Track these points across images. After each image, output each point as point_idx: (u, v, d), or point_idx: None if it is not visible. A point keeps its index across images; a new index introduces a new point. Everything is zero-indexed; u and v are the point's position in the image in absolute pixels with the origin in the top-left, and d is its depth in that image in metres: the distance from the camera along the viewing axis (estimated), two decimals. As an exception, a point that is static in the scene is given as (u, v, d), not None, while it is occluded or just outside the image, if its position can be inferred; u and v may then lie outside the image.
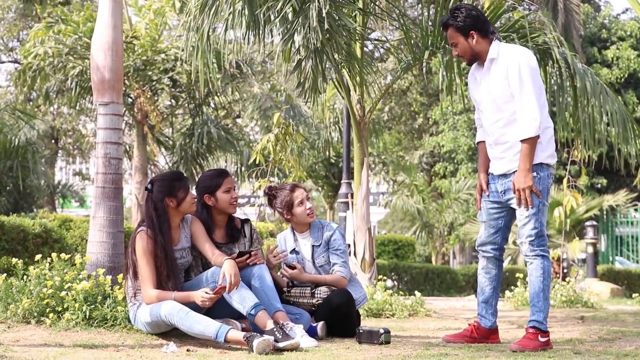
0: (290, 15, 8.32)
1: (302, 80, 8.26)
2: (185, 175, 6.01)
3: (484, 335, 5.95)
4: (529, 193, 5.49)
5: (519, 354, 5.16)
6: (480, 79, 5.81)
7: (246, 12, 8.47)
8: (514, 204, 5.67)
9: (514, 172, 5.63)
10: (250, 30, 8.56)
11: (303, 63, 8.05)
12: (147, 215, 5.71)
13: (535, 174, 5.57)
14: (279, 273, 6.41)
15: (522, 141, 5.50)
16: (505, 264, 25.53)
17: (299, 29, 7.99)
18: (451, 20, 5.77)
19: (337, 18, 8.16)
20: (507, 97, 5.62)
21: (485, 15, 8.92)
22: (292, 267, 6.32)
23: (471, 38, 5.72)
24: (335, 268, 6.42)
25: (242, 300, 5.53)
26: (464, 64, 9.67)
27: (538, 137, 5.50)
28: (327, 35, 7.83)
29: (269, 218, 9.42)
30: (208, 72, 9.18)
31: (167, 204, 5.70)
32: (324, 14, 7.65)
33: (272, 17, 8.47)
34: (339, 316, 6.20)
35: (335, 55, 8.46)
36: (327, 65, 8.47)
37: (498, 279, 5.98)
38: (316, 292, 6.28)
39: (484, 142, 5.96)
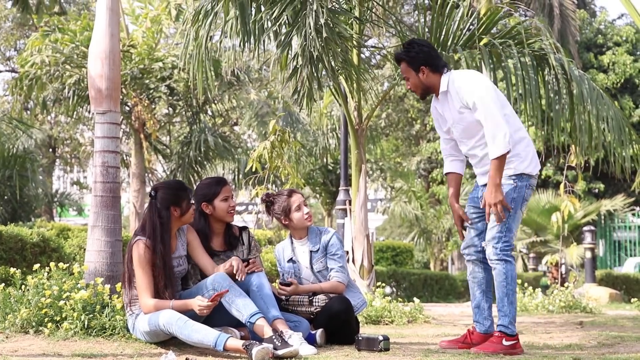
0: (284, 26, 8.33)
1: (297, 88, 8.26)
2: (186, 185, 6.00)
3: (479, 340, 5.96)
4: (500, 208, 5.58)
5: (518, 360, 5.16)
6: (441, 110, 5.94)
7: (239, 21, 8.48)
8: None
9: None
10: (244, 39, 8.58)
11: (299, 71, 8.05)
12: (150, 222, 5.67)
13: (512, 182, 5.68)
14: (276, 287, 6.38)
15: (492, 158, 5.58)
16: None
17: (295, 37, 8.00)
18: (403, 54, 5.92)
19: (332, 26, 8.16)
20: (472, 122, 5.72)
21: (482, 21, 8.99)
22: (288, 284, 6.30)
23: (422, 73, 5.86)
24: (332, 273, 6.41)
25: (241, 308, 5.52)
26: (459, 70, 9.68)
27: (508, 152, 5.58)
28: (324, 43, 7.83)
29: (266, 225, 9.41)
30: (205, 80, 9.19)
31: (172, 212, 5.70)
32: (321, 23, 7.66)
33: (269, 25, 8.48)
34: (337, 323, 6.19)
35: (332, 63, 8.46)
36: (323, 73, 8.46)
37: (487, 282, 6.00)
38: (314, 300, 6.27)
39: (452, 173, 6.12)
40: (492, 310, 6.04)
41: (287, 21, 8.20)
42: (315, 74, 8.12)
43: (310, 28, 7.74)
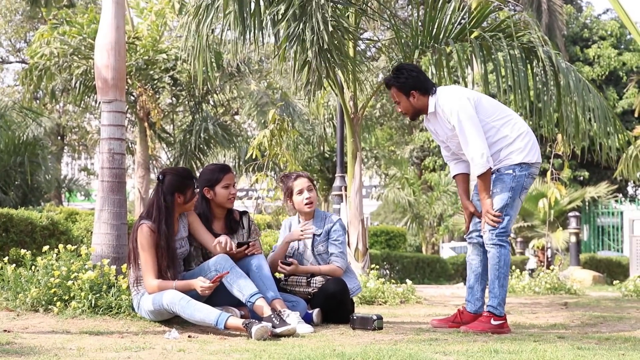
0: (289, 20, 8.32)
1: (310, 80, 8.28)
2: (193, 173, 5.99)
3: (468, 319, 5.99)
4: (492, 217, 5.70)
5: (505, 338, 5.17)
6: (433, 128, 6.02)
7: (237, 16, 8.48)
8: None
9: (496, 171, 5.80)
10: (243, 33, 8.57)
11: (310, 63, 8.06)
12: (156, 205, 5.67)
13: (511, 171, 5.74)
14: (277, 269, 6.38)
15: (477, 176, 5.70)
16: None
17: (302, 31, 8.01)
18: (393, 80, 5.96)
19: (334, 20, 8.17)
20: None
21: (472, 15, 8.98)
22: (288, 264, 6.31)
23: (412, 97, 5.91)
24: (332, 258, 6.42)
25: (241, 288, 5.53)
26: (452, 62, 9.68)
27: (490, 169, 5.69)
28: (331, 36, 7.86)
29: (266, 210, 9.43)
30: (206, 72, 9.18)
31: (175, 198, 5.70)
32: (328, 17, 7.68)
33: (267, 20, 8.48)
34: (333, 304, 6.20)
35: (333, 55, 8.46)
36: (325, 64, 8.46)
37: (483, 265, 6.03)
38: (312, 281, 6.28)
39: (459, 174, 6.16)
40: (485, 293, 6.06)
41: (295, 14, 8.19)
42: (326, 65, 8.15)
43: (318, 21, 7.76)
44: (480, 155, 5.60)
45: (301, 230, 6.32)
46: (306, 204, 6.43)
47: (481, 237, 5.99)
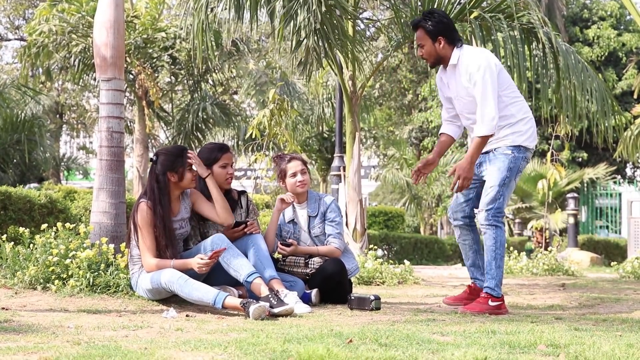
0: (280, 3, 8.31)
1: (303, 59, 8.25)
2: (188, 150, 5.97)
3: (478, 292, 6.02)
4: (466, 183, 5.65)
5: (502, 319, 5.19)
6: (447, 81, 5.97)
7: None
8: (484, 176, 5.85)
9: (493, 149, 5.80)
10: (238, 12, 8.55)
11: (304, 43, 8.04)
12: (149, 186, 5.70)
13: (510, 152, 5.75)
14: (276, 251, 6.38)
15: (477, 136, 5.64)
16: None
17: (298, 10, 7.98)
18: (423, 22, 5.89)
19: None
20: (474, 100, 5.74)
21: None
22: (288, 245, 6.31)
23: (438, 43, 5.86)
24: (330, 239, 6.42)
25: (239, 268, 5.53)
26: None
27: (492, 135, 5.66)
28: (328, 15, 7.83)
29: (264, 190, 9.42)
30: (205, 50, 9.15)
31: (169, 177, 5.69)
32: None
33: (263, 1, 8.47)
34: (331, 284, 6.21)
35: (330, 35, 8.43)
36: (321, 44, 8.44)
37: (476, 242, 6.11)
38: (310, 262, 6.29)
39: (446, 134, 6.17)
40: None
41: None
42: (320, 45, 8.12)
43: (313, 1, 7.73)
44: (491, 118, 5.58)
45: (284, 198, 6.33)
46: (298, 186, 6.43)
47: (465, 217, 6.05)
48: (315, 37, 8.11)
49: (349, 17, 9.46)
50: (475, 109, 5.73)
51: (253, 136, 8.97)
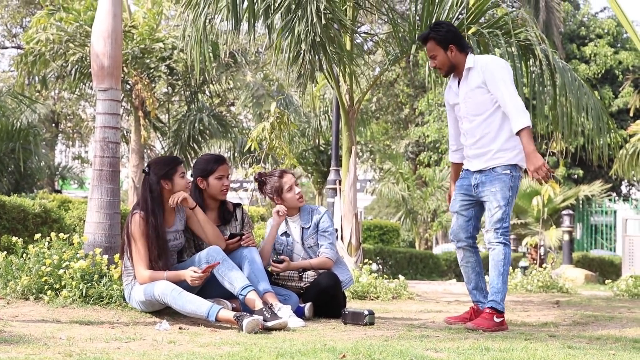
0: (281, 12, 8.32)
1: (301, 72, 8.27)
2: (182, 160, 5.96)
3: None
4: (545, 168, 5.61)
5: (496, 336, 5.18)
6: (457, 89, 6.00)
7: (230, 8, 8.48)
8: (484, 197, 5.86)
9: (489, 169, 5.83)
10: (235, 25, 8.57)
11: (302, 56, 8.05)
12: (142, 196, 5.69)
13: (509, 171, 5.80)
14: (269, 269, 6.36)
15: (518, 132, 5.67)
16: (484, 251, 25.59)
17: (297, 23, 8.00)
18: (432, 33, 5.99)
19: (329, 12, 8.15)
20: (484, 101, 5.83)
21: (470, 11, 8.98)
22: (280, 262, 6.29)
23: (450, 51, 5.95)
24: (322, 250, 6.41)
25: (233, 280, 5.52)
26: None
27: (529, 126, 5.69)
28: (325, 29, 7.85)
29: (260, 202, 9.40)
30: (203, 62, 9.16)
31: (162, 186, 5.68)
32: (321, 11, 7.66)
33: (260, 12, 8.48)
34: (325, 298, 6.20)
35: (329, 48, 8.45)
36: (318, 57, 8.45)
37: (479, 264, 6.11)
38: (304, 275, 6.28)
39: (456, 163, 6.27)
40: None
41: (289, 6, 8.18)
42: (318, 58, 8.14)
43: (312, 14, 7.74)
44: (524, 111, 5.66)
45: (278, 211, 6.32)
46: (298, 199, 6.44)
47: (469, 238, 6.04)
48: (313, 51, 8.12)
49: (347, 30, 9.48)
50: (482, 110, 5.82)
51: (251, 149, 8.96)
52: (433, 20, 9.06)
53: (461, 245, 6.08)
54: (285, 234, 6.54)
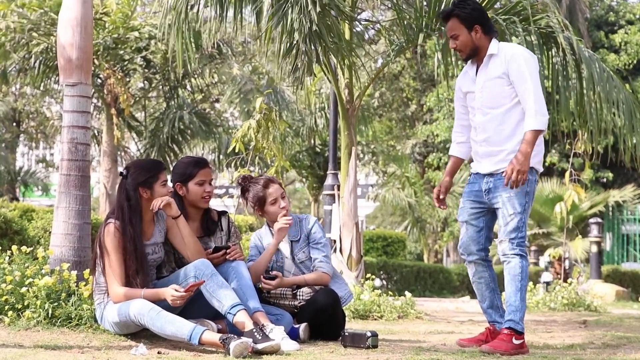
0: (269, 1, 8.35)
1: (298, 65, 8.28)
2: (164, 166, 5.96)
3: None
4: (521, 178, 5.62)
5: (516, 360, 5.19)
6: (476, 75, 5.98)
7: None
8: (497, 204, 5.84)
9: (501, 172, 5.79)
10: (226, 10, 8.58)
11: (297, 46, 8.06)
12: (118, 203, 5.68)
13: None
14: (260, 286, 6.36)
15: (531, 129, 5.65)
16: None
17: (290, 10, 8.01)
18: (457, 10, 5.94)
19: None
20: (503, 94, 5.82)
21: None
22: (272, 278, 6.28)
23: (475, 32, 5.91)
24: (316, 264, 6.41)
25: (222, 298, 5.51)
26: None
27: (542, 131, 5.70)
28: (321, 16, 7.86)
29: (248, 210, 9.39)
30: (185, 52, 9.17)
31: (141, 194, 5.68)
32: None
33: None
34: (323, 318, 6.20)
35: (325, 37, 8.46)
36: (313, 48, 8.46)
37: (493, 279, 6.11)
38: (298, 293, 6.27)
39: (457, 157, 6.28)
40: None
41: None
42: (313, 49, 8.15)
43: (307, 1, 7.76)
44: (544, 112, 5.66)
45: (283, 221, 6.31)
46: (283, 214, 6.39)
47: (480, 251, 6.03)
48: (308, 41, 8.13)
49: (346, 18, 9.50)
50: (500, 103, 5.80)
51: (236, 150, 8.95)
52: (442, 6, 9.09)
53: (472, 259, 6.07)
54: (273, 249, 6.52)
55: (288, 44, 8.37)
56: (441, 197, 6.26)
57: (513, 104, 5.79)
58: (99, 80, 18.62)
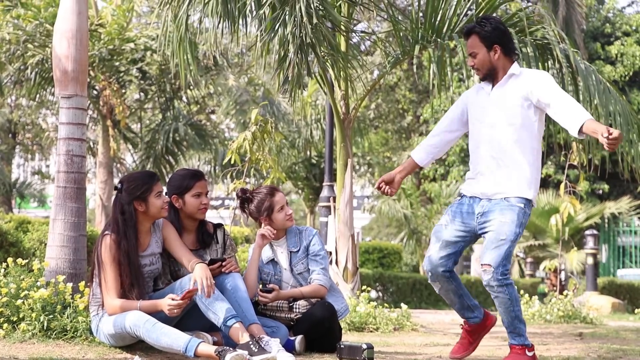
0: (267, 7, 8.35)
1: (288, 76, 8.27)
2: (158, 177, 5.96)
3: (478, 329, 6.13)
4: (612, 139, 5.19)
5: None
6: (490, 95, 5.89)
7: (219, 2, 8.51)
8: (487, 227, 5.72)
9: (501, 198, 5.71)
10: (226, 21, 8.59)
11: (290, 57, 8.07)
12: (113, 217, 5.69)
13: (522, 206, 5.67)
14: (256, 299, 6.36)
15: (589, 119, 5.43)
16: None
17: (284, 22, 8.02)
18: (477, 28, 5.87)
19: (322, 9, 8.18)
20: (521, 112, 5.73)
21: (480, 6, 9.02)
22: (269, 291, 6.28)
23: (494, 52, 5.84)
24: (313, 276, 6.41)
25: (217, 310, 5.51)
26: (455, 59, 9.71)
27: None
28: (315, 28, 7.87)
29: (244, 222, 9.38)
30: (185, 63, 9.19)
31: (136, 207, 5.68)
32: (312, 8, 7.69)
33: (252, 7, 8.50)
34: (320, 330, 6.19)
35: (320, 49, 8.47)
36: (310, 59, 8.47)
37: (460, 286, 6.06)
38: (294, 306, 6.27)
39: (415, 162, 6.19)
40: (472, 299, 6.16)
41: (272, 3, 8.22)
42: (306, 61, 8.16)
43: (301, 12, 7.77)
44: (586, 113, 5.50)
45: (265, 233, 6.33)
46: (288, 219, 6.44)
47: (448, 272, 5.92)
48: (301, 52, 8.14)
49: (342, 29, 9.51)
50: (514, 121, 5.71)
51: (232, 161, 8.96)
52: (439, 18, 9.12)
53: (438, 278, 5.97)
54: (272, 261, 6.53)
55: (281, 55, 8.37)
56: (382, 187, 6.11)
57: (528, 123, 5.73)
58: (95, 92, 18.62)
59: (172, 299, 5.39)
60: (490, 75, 5.89)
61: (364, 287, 9.88)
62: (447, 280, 5.98)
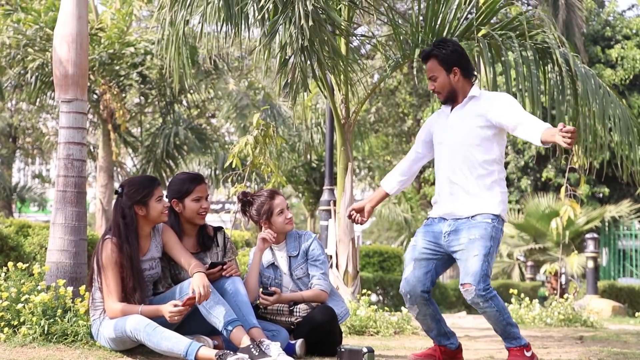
0: (266, 11, 8.35)
1: (289, 80, 8.28)
2: (159, 181, 5.96)
3: (451, 355, 6.11)
4: (566, 132, 5.12)
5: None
6: (449, 117, 5.91)
7: (222, 4, 8.51)
8: (456, 246, 5.71)
9: (467, 217, 5.70)
10: (227, 24, 8.59)
11: (291, 61, 8.08)
12: (114, 221, 5.70)
13: (490, 221, 5.65)
14: (258, 302, 6.36)
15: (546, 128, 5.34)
16: (499, 280, 25.61)
17: (284, 25, 8.02)
18: (436, 50, 5.88)
19: (322, 12, 8.18)
20: (480, 132, 5.73)
21: (481, 10, 9.02)
22: (270, 294, 6.29)
23: (453, 74, 5.85)
24: (314, 281, 6.41)
25: (218, 314, 5.52)
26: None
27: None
28: (315, 31, 7.87)
29: (245, 226, 9.38)
30: (183, 67, 9.19)
31: (136, 211, 5.68)
32: (311, 9, 7.69)
33: (253, 10, 8.51)
34: (320, 334, 6.19)
35: (320, 52, 8.47)
36: (309, 63, 8.48)
37: (437, 311, 6.06)
38: (295, 309, 6.27)
39: (385, 191, 6.31)
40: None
41: (273, 6, 8.23)
42: (307, 64, 8.16)
43: (300, 15, 7.77)
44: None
45: (266, 237, 6.33)
46: (287, 223, 6.44)
47: (426, 292, 5.92)
48: (303, 56, 8.15)
49: (342, 33, 9.52)
50: (472, 141, 5.71)
51: (233, 165, 8.96)
52: (439, 22, 9.12)
53: (416, 301, 5.95)
54: (273, 265, 6.53)
55: (282, 59, 8.38)
56: (352, 215, 6.26)
57: (488, 142, 5.72)
58: (95, 96, 18.63)
59: (174, 305, 5.38)
60: (451, 98, 5.91)
61: (364, 291, 9.88)
62: (425, 304, 5.95)
